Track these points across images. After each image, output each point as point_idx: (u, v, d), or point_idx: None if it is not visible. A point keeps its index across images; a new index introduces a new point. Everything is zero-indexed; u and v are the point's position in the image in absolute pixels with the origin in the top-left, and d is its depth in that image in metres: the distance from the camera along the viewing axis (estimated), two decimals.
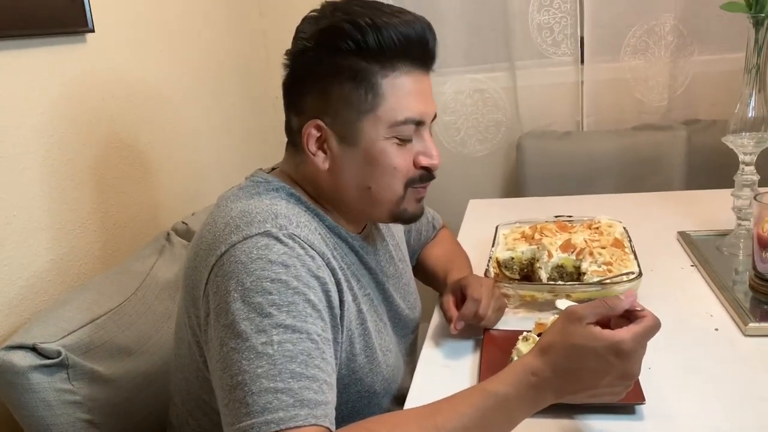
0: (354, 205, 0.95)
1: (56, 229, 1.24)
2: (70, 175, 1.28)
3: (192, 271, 0.87)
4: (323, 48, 0.87)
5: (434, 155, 0.94)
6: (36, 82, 1.21)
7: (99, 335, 1.05)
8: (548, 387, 0.72)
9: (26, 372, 0.94)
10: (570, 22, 2.07)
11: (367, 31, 0.85)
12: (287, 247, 0.80)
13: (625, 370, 0.71)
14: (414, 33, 0.87)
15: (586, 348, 0.71)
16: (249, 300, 0.76)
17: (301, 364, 0.73)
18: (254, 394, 0.70)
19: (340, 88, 0.88)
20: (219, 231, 0.84)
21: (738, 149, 1.27)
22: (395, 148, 0.90)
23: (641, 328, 0.72)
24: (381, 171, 0.91)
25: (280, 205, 0.87)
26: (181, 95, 1.71)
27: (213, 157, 1.86)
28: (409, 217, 0.98)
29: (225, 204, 0.90)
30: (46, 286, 1.21)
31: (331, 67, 0.87)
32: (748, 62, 1.23)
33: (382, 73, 0.87)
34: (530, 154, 2.08)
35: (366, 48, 0.86)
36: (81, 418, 0.99)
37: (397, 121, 0.89)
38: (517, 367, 0.74)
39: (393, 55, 0.87)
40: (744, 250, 1.28)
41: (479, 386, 0.75)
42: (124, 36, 1.48)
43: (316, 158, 0.91)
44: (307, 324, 0.76)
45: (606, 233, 1.27)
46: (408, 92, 0.89)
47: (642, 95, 2.09)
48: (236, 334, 0.74)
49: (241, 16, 2.10)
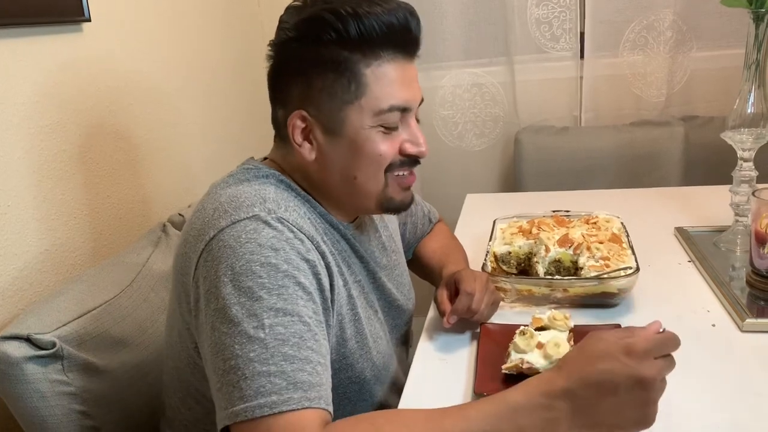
0: (342, 196, 0.95)
1: (50, 220, 1.23)
2: (65, 165, 1.27)
3: (182, 258, 0.87)
4: (305, 38, 0.87)
5: (421, 142, 0.93)
6: (31, 71, 1.20)
7: (94, 326, 1.04)
8: (561, 397, 0.68)
9: (21, 363, 0.93)
10: (569, 16, 2.06)
11: (348, 20, 0.84)
12: (276, 230, 0.81)
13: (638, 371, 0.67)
14: (396, 20, 0.87)
15: (598, 350, 0.69)
16: (239, 284, 0.76)
17: (294, 346, 0.73)
18: (247, 378, 0.70)
19: (323, 79, 0.87)
20: (208, 216, 0.84)
21: (736, 145, 1.27)
22: (381, 137, 0.90)
23: (657, 335, 0.71)
24: (366, 160, 0.90)
25: (268, 190, 0.87)
26: (177, 86, 1.70)
27: (209, 148, 1.86)
28: (396, 205, 0.97)
29: (214, 190, 0.90)
30: (40, 277, 1.20)
31: (313, 58, 0.87)
32: (747, 58, 1.22)
33: (365, 62, 0.87)
34: (528, 148, 2.08)
35: (347, 37, 0.85)
36: (75, 409, 0.98)
37: (382, 109, 0.88)
38: (534, 378, 0.73)
39: (375, 43, 0.86)
40: (741, 246, 1.29)
41: (494, 395, 0.73)
42: (120, 26, 1.47)
43: (302, 149, 0.91)
44: (298, 307, 0.76)
45: (603, 228, 1.26)
46: (392, 80, 0.88)
47: (640, 91, 2.09)
48: (227, 319, 0.74)
49: (239, 6, 2.09)
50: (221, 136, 1.94)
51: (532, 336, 0.93)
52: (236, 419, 0.70)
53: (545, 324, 0.98)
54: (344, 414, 0.75)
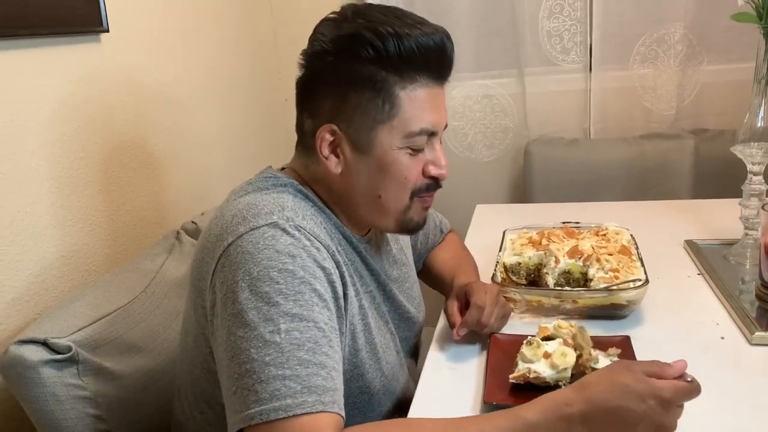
0: (362, 212, 0.96)
1: (66, 227, 1.25)
2: (81, 173, 1.29)
3: (199, 263, 0.88)
4: (343, 53, 0.87)
5: (443, 165, 0.95)
6: (50, 80, 1.23)
7: (108, 332, 1.06)
8: (580, 419, 0.71)
9: (37, 366, 0.95)
10: (579, 29, 2.07)
11: (389, 39, 0.85)
12: (293, 238, 0.82)
13: (661, 420, 0.71)
14: (434, 44, 0.87)
15: (629, 387, 0.71)
16: (256, 289, 0.77)
17: (309, 351, 0.74)
18: (263, 381, 0.71)
19: (358, 96, 0.88)
20: (226, 223, 0.85)
21: (746, 159, 1.27)
22: (408, 158, 0.91)
23: (684, 384, 0.73)
24: (392, 180, 0.91)
25: (286, 199, 0.88)
26: (192, 95, 1.73)
27: (223, 157, 1.88)
28: (414, 226, 0.98)
29: (233, 198, 0.91)
30: (56, 282, 1.22)
31: (349, 74, 0.87)
32: (757, 72, 1.23)
33: (401, 84, 0.87)
34: (538, 160, 2.08)
35: (386, 57, 0.86)
36: (89, 413, 1.00)
37: (412, 132, 0.89)
38: (552, 397, 0.74)
39: (412, 66, 0.87)
40: (751, 260, 1.29)
41: (509, 410, 0.75)
42: (138, 36, 1.49)
43: (328, 162, 0.91)
44: (314, 313, 0.77)
45: (613, 240, 1.27)
46: (423, 104, 0.89)
47: (650, 104, 2.09)
48: (244, 323, 0.75)
49: (253, 17, 2.11)
50: (236, 145, 1.96)
51: (539, 345, 0.94)
52: (251, 422, 0.71)
53: (551, 333, 0.98)
54: (353, 424, 0.76)
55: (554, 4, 2.07)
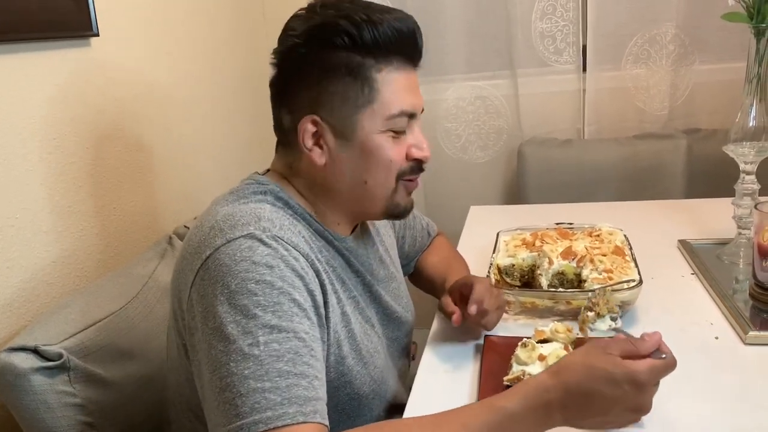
0: (349, 201, 0.96)
1: (58, 232, 1.24)
2: (73, 178, 1.28)
3: (178, 275, 0.88)
4: (316, 44, 0.89)
5: (425, 147, 0.96)
6: (40, 85, 1.22)
7: (100, 338, 1.05)
8: (558, 407, 0.73)
9: (27, 374, 0.94)
10: (572, 30, 2.08)
11: (363, 26, 0.87)
12: (271, 248, 0.81)
13: (637, 402, 0.73)
14: (406, 28, 0.90)
15: (605, 371, 0.72)
16: (234, 302, 0.76)
17: (289, 362, 0.74)
18: (242, 395, 0.71)
19: (337, 83, 0.89)
20: (204, 234, 0.85)
21: (739, 158, 1.27)
22: (390, 142, 0.92)
23: (660, 363, 0.73)
24: (377, 164, 0.92)
25: (264, 208, 0.88)
26: (184, 99, 1.72)
27: (215, 161, 1.87)
28: (401, 210, 0.99)
29: (213, 208, 0.91)
30: (47, 288, 1.21)
31: (325, 63, 0.88)
32: (749, 72, 1.23)
33: (377, 67, 0.89)
34: (531, 161, 2.08)
35: (361, 43, 0.87)
36: (81, 421, 0.99)
37: (393, 114, 0.91)
38: (530, 384, 0.75)
39: (388, 49, 0.89)
40: (744, 259, 1.29)
41: (489, 402, 0.75)
42: (128, 40, 1.48)
43: (312, 153, 0.92)
44: (293, 323, 0.77)
45: (607, 241, 1.27)
46: (401, 86, 0.91)
47: (643, 104, 2.09)
48: (223, 337, 0.75)
49: (244, 19, 2.11)
50: (228, 149, 1.95)
51: (534, 348, 0.94)
52: None
53: (548, 336, 0.98)
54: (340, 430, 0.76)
55: (547, 5, 2.07)
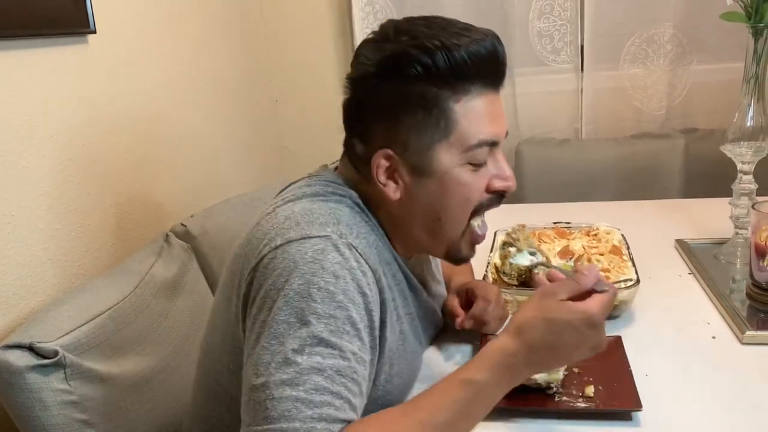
0: (417, 235, 0.92)
1: (55, 229, 1.24)
2: (70, 175, 1.28)
3: (240, 258, 0.85)
4: (389, 75, 0.83)
5: (509, 176, 0.90)
6: (37, 82, 1.21)
7: (96, 335, 1.05)
8: (524, 365, 0.76)
9: (23, 372, 0.93)
10: (570, 29, 2.08)
11: (437, 53, 0.80)
12: (343, 257, 0.79)
13: (595, 341, 0.76)
14: (485, 51, 0.83)
15: (564, 321, 0.74)
16: (292, 302, 0.75)
17: (328, 378, 0.72)
18: (275, 399, 0.70)
19: (411, 117, 0.83)
20: (278, 223, 0.82)
21: (736, 158, 1.27)
22: (470, 175, 0.86)
23: (607, 297, 0.76)
24: (454, 201, 0.87)
25: (344, 212, 0.85)
26: (181, 97, 1.72)
27: (212, 160, 1.86)
28: (461, 257, 0.94)
29: (290, 197, 0.88)
30: (43, 286, 1.20)
31: (399, 95, 0.83)
32: (746, 72, 1.23)
33: (455, 98, 0.83)
34: (529, 160, 2.09)
35: (436, 72, 0.81)
36: (77, 419, 0.98)
37: (471, 145, 0.84)
38: (495, 351, 0.76)
39: (465, 77, 0.82)
40: (741, 259, 1.29)
41: (458, 377, 0.76)
42: (125, 38, 1.48)
43: (386, 188, 0.87)
44: (342, 341, 0.75)
45: (604, 240, 1.27)
46: (481, 114, 0.85)
47: (641, 103, 2.10)
48: (272, 335, 0.74)
49: (243, 17, 2.11)
50: (225, 147, 1.95)
51: None
52: None
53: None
54: None
55: (544, 5, 2.07)
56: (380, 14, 2.18)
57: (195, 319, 1.27)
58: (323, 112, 2.31)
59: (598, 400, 0.88)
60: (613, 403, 0.88)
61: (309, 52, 2.30)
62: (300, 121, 2.37)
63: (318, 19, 2.27)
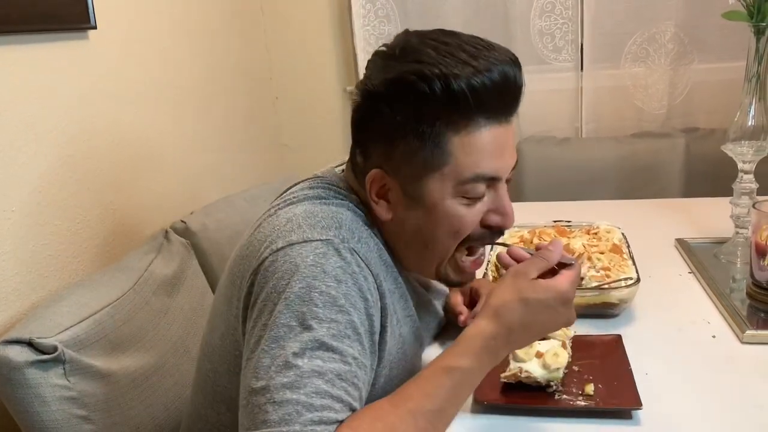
0: (407, 254, 0.91)
1: (54, 225, 1.24)
2: (69, 171, 1.28)
3: (241, 260, 0.85)
4: (389, 98, 0.81)
5: (508, 213, 0.85)
6: (37, 77, 1.21)
7: (95, 331, 1.05)
8: (505, 345, 0.77)
9: (22, 367, 0.94)
10: (571, 28, 2.08)
11: (434, 82, 0.76)
12: (344, 261, 0.78)
13: (568, 316, 0.78)
14: (489, 82, 0.77)
15: (538, 300, 0.75)
16: (293, 306, 0.74)
17: (328, 382, 0.71)
18: (275, 402, 0.69)
19: (405, 143, 0.81)
20: (280, 225, 0.82)
21: (737, 157, 1.27)
22: (463, 209, 0.83)
23: (575, 273, 0.78)
24: (442, 231, 0.85)
25: (346, 215, 0.85)
26: (182, 93, 1.71)
27: (212, 156, 1.86)
28: (451, 282, 0.93)
29: (291, 199, 0.88)
30: (43, 281, 1.20)
31: (396, 121, 0.80)
32: (748, 71, 1.23)
33: (454, 129, 0.79)
34: (529, 159, 2.08)
35: (434, 101, 0.77)
36: (76, 414, 0.98)
37: (466, 179, 0.81)
38: (476, 337, 0.76)
39: (465, 108, 0.78)
40: (742, 258, 1.29)
41: (442, 364, 0.75)
42: (126, 34, 1.48)
43: (378, 206, 0.86)
44: (343, 345, 0.74)
45: (604, 239, 1.27)
46: (482, 147, 0.80)
47: (641, 103, 2.10)
48: (272, 338, 0.73)
49: (243, 14, 2.10)
50: (225, 144, 1.95)
51: (531, 345, 0.93)
52: None
53: None
54: None
55: (545, 3, 2.07)
56: (380, 12, 2.18)
57: (194, 316, 1.27)
58: (323, 110, 2.31)
59: (598, 399, 0.88)
60: (613, 401, 0.87)
61: (309, 50, 2.30)
62: (300, 119, 2.36)
63: (318, 16, 2.27)
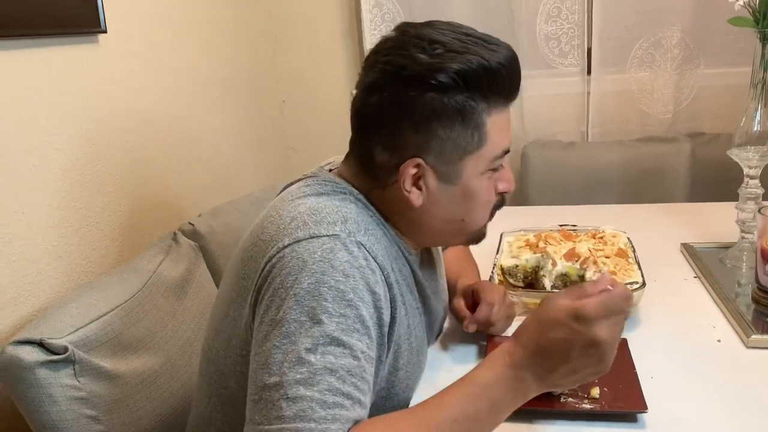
0: (437, 234, 0.95)
1: (64, 227, 1.25)
2: (79, 174, 1.29)
3: (247, 261, 0.85)
4: (425, 86, 0.82)
5: (511, 179, 0.95)
6: (47, 81, 1.22)
7: (105, 332, 1.06)
8: (525, 367, 0.73)
9: (33, 367, 0.94)
10: (577, 33, 2.08)
11: (479, 68, 0.82)
12: (352, 255, 0.79)
13: (588, 335, 0.71)
14: (510, 66, 0.86)
15: (549, 318, 0.73)
16: (303, 301, 0.75)
17: (339, 379, 0.72)
18: (289, 398, 0.70)
19: (448, 129, 0.85)
20: (284, 224, 0.82)
21: (743, 162, 1.28)
22: (488, 182, 0.91)
23: (605, 295, 0.73)
24: (476, 205, 0.92)
25: (350, 208, 0.86)
26: (190, 97, 1.73)
27: (220, 159, 1.87)
28: (483, 236, 1.00)
29: (290, 198, 0.88)
30: (53, 283, 1.21)
31: (435, 107, 0.83)
32: (754, 77, 1.24)
33: (488, 111, 0.86)
34: (535, 163, 2.09)
35: (476, 86, 0.83)
36: (86, 414, 0.99)
37: (497, 155, 0.89)
38: (497, 352, 0.76)
39: (499, 91, 0.86)
40: (747, 263, 1.29)
41: (463, 378, 0.76)
42: (136, 38, 1.49)
43: (410, 195, 0.88)
44: (352, 339, 0.75)
45: (610, 243, 1.27)
46: (505, 126, 0.89)
47: (647, 107, 2.10)
48: (283, 333, 0.74)
49: (251, 18, 2.12)
50: (233, 147, 1.96)
51: None
52: None
53: None
54: None
55: (552, 8, 2.08)
56: (387, 16, 2.19)
57: (202, 318, 1.28)
58: (330, 114, 2.32)
59: (604, 402, 0.89)
60: (618, 404, 0.88)
61: (317, 54, 2.31)
62: (307, 122, 2.38)
63: (326, 20, 2.28)
